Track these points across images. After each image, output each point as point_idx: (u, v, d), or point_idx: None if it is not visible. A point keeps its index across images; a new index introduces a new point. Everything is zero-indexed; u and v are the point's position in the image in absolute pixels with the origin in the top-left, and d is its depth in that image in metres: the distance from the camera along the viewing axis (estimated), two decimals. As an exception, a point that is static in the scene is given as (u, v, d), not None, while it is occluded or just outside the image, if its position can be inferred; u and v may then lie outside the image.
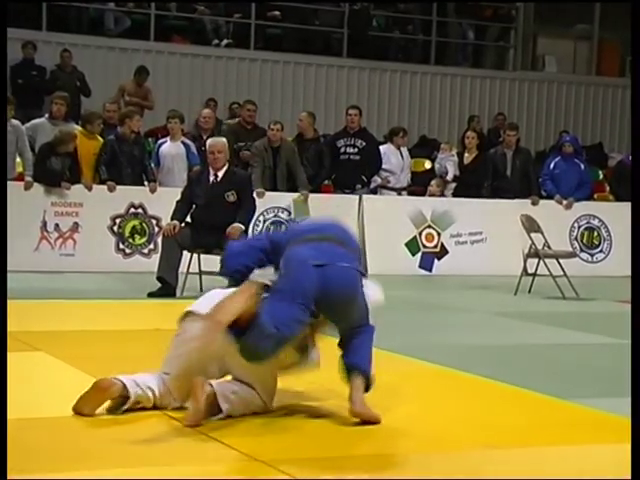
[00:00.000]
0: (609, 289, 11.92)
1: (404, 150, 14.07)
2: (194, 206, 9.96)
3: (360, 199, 13.04)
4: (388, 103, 18.16)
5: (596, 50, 19.89)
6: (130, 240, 12.17)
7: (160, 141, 13.03)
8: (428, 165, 15.66)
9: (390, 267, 12.50)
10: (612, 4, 19.21)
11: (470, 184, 13.59)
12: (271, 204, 12.62)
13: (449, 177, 14.08)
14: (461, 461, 4.38)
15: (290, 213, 12.74)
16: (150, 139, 14.49)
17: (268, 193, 12.51)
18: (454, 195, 13.85)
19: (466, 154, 13.89)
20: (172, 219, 9.95)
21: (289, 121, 14.85)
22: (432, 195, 13.81)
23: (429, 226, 13.15)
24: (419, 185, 14.40)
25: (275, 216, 12.70)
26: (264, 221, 12.60)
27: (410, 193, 14.05)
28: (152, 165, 12.56)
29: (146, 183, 12.34)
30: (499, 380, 6.05)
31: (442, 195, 13.89)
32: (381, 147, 13.76)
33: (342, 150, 13.37)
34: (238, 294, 4.75)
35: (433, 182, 13.96)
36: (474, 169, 13.66)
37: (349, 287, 4.81)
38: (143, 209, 12.23)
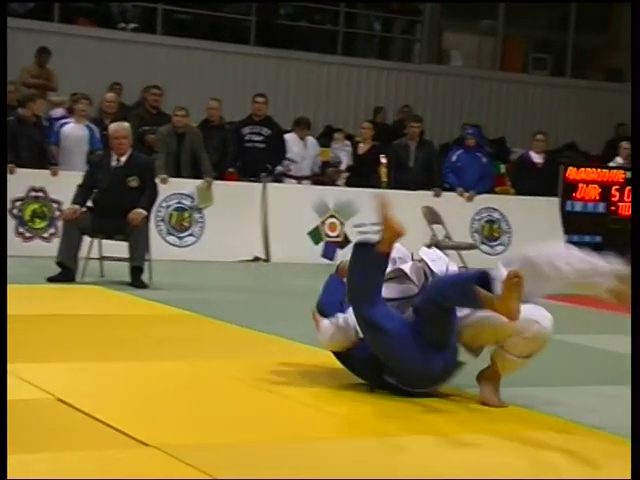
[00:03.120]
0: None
1: (310, 139, 14.10)
2: (95, 190, 9.88)
3: (264, 187, 13.06)
4: (295, 92, 18.18)
5: (500, 46, 20.16)
6: (30, 224, 12.02)
7: (62, 121, 12.82)
8: (332, 155, 15.77)
9: (293, 255, 12.56)
10: (517, 2, 19.51)
11: (364, 174, 13.74)
12: (175, 190, 12.56)
13: (342, 166, 14.21)
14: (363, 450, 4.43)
15: (194, 200, 12.70)
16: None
17: (172, 179, 12.45)
18: (347, 184, 13.98)
19: (361, 144, 14.04)
20: (73, 203, 9.84)
21: (195, 107, 14.75)
22: (325, 184, 13.95)
23: (332, 215, 13.22)
24: (323, 175, 14.47)
25: (178, 203, 12.65)
26: (167, 207, 12.54)
27: (316, 182, 14.10)
28: (50, 143, 12.38)
29: (48, 166, 12.19)
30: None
31: (334, 184, 14.02)
32: (285, 136, 13.78)
33: (247, 138, 13.37)
34: None
35: (327, 171, 14.13)
36: (368, 159, 13.84)
37: None
38: (44, 192, 12.08)
